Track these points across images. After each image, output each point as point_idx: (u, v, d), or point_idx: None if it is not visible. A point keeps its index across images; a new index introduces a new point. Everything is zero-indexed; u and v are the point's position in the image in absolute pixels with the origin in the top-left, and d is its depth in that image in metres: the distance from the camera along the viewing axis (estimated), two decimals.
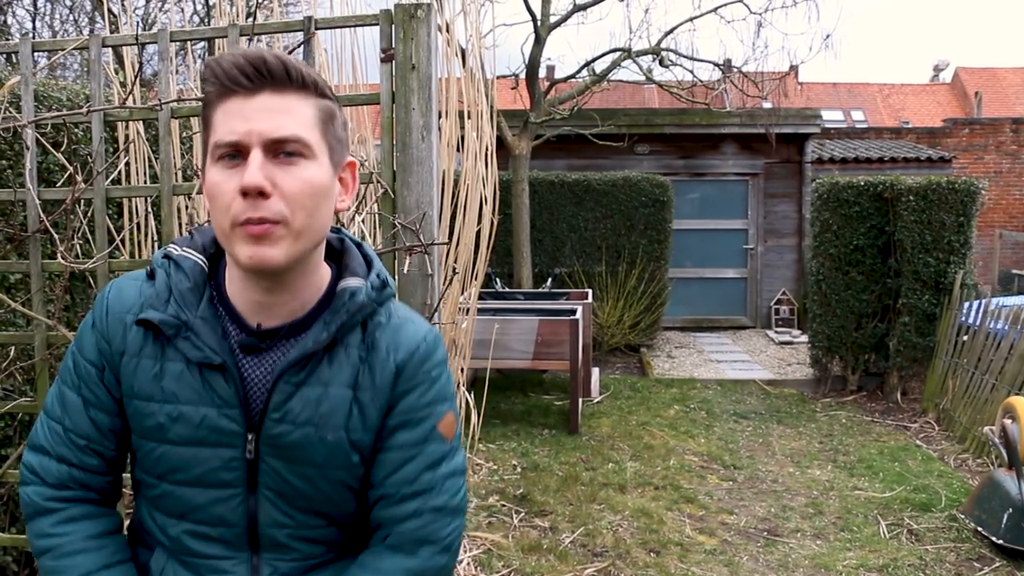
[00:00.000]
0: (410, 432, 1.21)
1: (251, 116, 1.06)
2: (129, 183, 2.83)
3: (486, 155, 3.01)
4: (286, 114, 1.08)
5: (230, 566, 1.18)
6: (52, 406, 1.23)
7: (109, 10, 8.04)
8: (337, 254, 1.25)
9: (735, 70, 10.10)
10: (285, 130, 1.07)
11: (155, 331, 1.16)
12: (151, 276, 1.20)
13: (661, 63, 9.83)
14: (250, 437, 1.15)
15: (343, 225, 2.50)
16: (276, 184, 1.07)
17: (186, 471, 1.16)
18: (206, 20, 11.28)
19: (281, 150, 1.08)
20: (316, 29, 2.18)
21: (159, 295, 1.17)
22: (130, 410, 1.19)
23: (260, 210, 1.05)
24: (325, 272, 1.22)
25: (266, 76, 1.07)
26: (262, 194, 1.05)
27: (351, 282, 1.19)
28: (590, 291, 8.39)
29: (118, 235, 2.83)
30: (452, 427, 1.24)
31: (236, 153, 1.07)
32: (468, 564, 3.88)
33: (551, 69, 16.41)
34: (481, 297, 6.98)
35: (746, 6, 9.77)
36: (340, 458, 1.17)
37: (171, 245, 1.23)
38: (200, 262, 1.20)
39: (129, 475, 1.29)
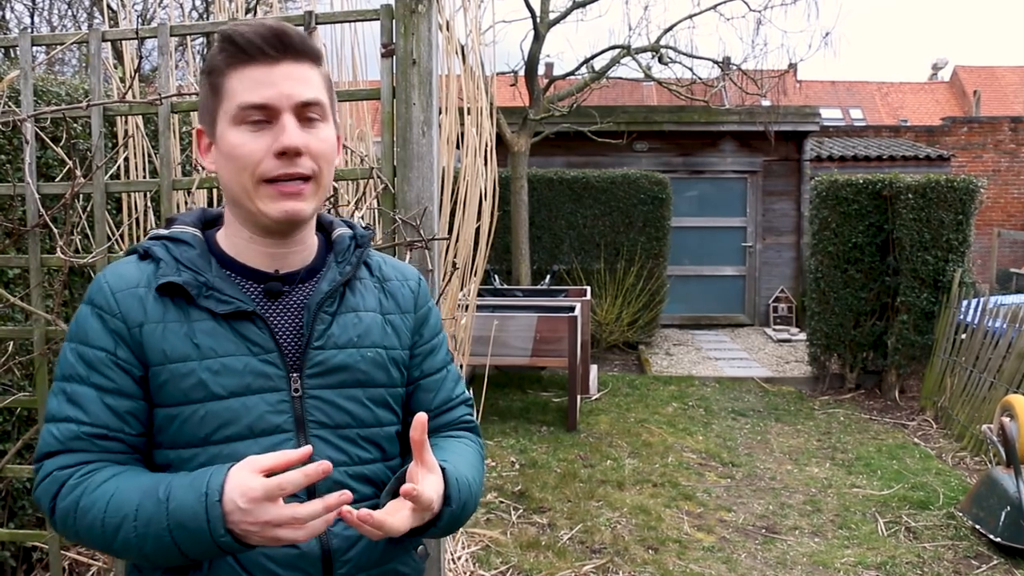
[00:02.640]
0: (436, 356, 1.39)
1: (277, 82, 1.16)
2: (128, 178, 2.83)
3: (486, 151, 3.01)
4: (307, 81, 1.19)
5: None
6: (59, 409, 1.17)
7: (108, 5, 8.03)
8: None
9: (734, 68, 10.10)
10: (310, 94, 1.18)
11: (175, 296, 1.19)
12: (144, 257, 1.23)
13: (660, 60, 9.83)
14: (294, 376, 1.21)
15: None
16: (306, 144, 1.17)
17: (236, 423, 1.17)
18: (205, 15, 11.26)
19: (305, 114, 1.18)
20: (316, 24, 2.17)
21: (168, 265, 1.20)
22: (163, 377, 1.17)
23: (296, 167, 1.16)
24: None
25: (288, 47, 1.17)
26: (298, 153, 1.16)
27: (344, 230, 1.35)
28: (588, 288, 8.40)
29: (117, 230, 2.82)
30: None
31: (262, 117, 1.16)
32: (466, 560, 3.88)
33: (550, 66, 16.36)
34: (480, 294, 6.98)
35: (745, 3, 9.78)
36: (380, 373, 1.28)
37: (153, 232, 1.29)
38: (198, 234, 1.26)
39: None
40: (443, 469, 1.19)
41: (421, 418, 1.12)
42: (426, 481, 1.14)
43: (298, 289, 1.25)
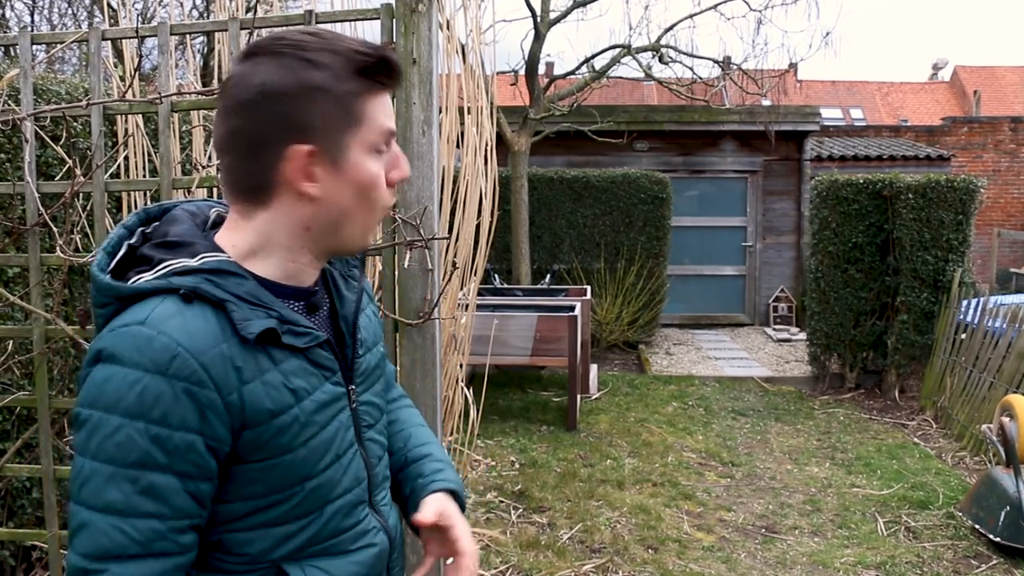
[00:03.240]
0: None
1: (391, 113, 1.15)
2: (128, 177, 2.83)
3: (486, 151, 3.01)
4: None
5: (369, 523, 1.23)
6: (132, 503, 0.99)
7: (108, 4, 8.02)
8: None
9: (735, 67, 10.09)
10: None
11: (259, 342, 1.06)
12: (189, 299, 1.04)
13: (661, 60, 9.82)
14: (351, 388, 1.21)
15: None
16: None
17: (329, 452, 1.15)
18: (205, 14, 11.26)
19: None
20: (317, 23, 2.17)
21: (239, 307, 1.05)
22: (268, 435, 1.07)
23: None
24: None
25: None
26: None
27: None
28: (588, 288, 8.40)
29: None
30: None
31: (385, 147, 1.14)
32: None
33: (551, 66, 16.38)
34: (480, 293, 6.96)
35: (746, 3, 9.77)
36: (384, 364, 1.34)
37: (168, 265, 1.08)
38: (232, 259, 1.11)
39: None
40: (453, 492, 1.33)
41: (423, 522, 1.27)
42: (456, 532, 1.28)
43: (321, 297, 1.24)
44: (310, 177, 1.08)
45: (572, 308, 6.71)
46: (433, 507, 1.27)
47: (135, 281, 1.06)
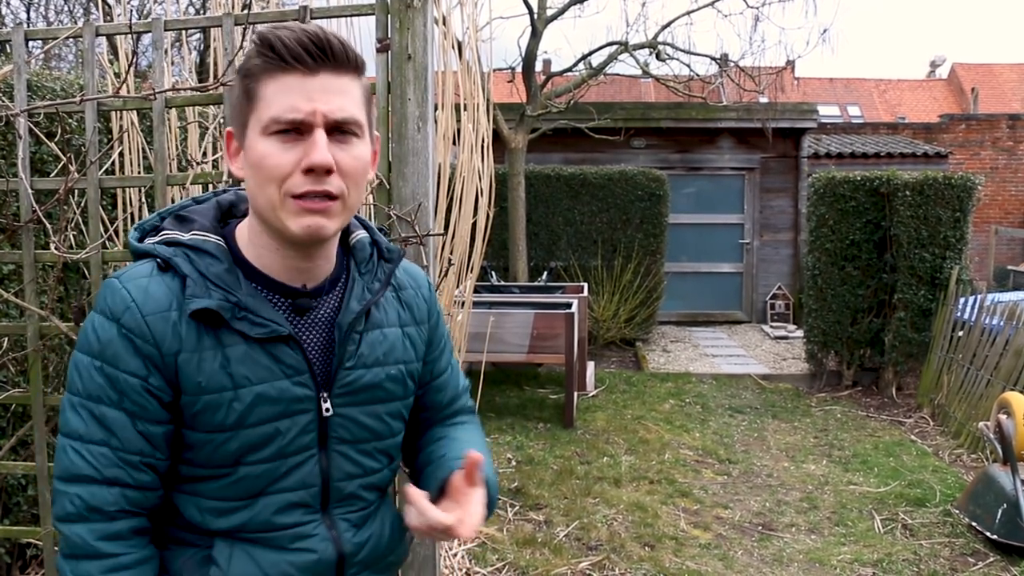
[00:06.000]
0: (444, 356, 1.42)
1: (314, 96, 1.10)
2: (123, 173, 2.81)
3: (482, 148, 3.00)
4: (344, 95, 1.12)
5: (312, 528, 1.21)
6: (88, 430, 1.12)
7: (104, 0, 8.00)
8: None
9: (732, 64, 10.08)
10: (346, 112, 1.12)
11: (207, 320, 1.13)
12: (164, 268, 1.15)
13: (658, 57, 9.81)
14: (324, 395, 1.20)
15: None
16: (336, 162, 1.11)
17: (269, 447, 1.17)
18: (201, 10, 11.23)
19: (339, 129, 1.12)
20: (312, 19, 2.16)
21: (196, 283, 1.13)
22: (198, 407, 1.14)
23: (324, 184, 1.10)
24: None
25: (328, 57, 1.10)
26: (327, 171, 1.10)
27: (362, 234, 1.30)
28: (586, 285, 8.39)
29: (111, 225, 2.81)
30: None
31: (294, 129, 1.10)
32: (462, 557, 3.88)
33: (547, 63, 16.37)
34: (476, 290, 6.95)
35: (743, 0, 9.76)
36: (399, 389, 1.29)
37: (165, 234, 1.20)
38: (220, 243, 1.19)
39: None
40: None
41: (476, 458, 1.17)
42: (477, 497, 1.20)
43: (323, 301, 1.23)
44: (234, 158, 1.18)
45: (569, 305, 6.70)
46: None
47: (140, 243, 1.20)
